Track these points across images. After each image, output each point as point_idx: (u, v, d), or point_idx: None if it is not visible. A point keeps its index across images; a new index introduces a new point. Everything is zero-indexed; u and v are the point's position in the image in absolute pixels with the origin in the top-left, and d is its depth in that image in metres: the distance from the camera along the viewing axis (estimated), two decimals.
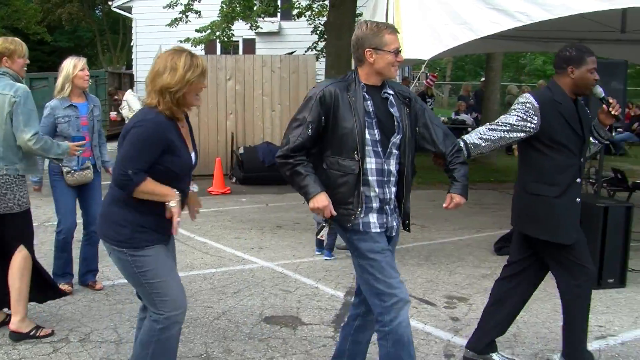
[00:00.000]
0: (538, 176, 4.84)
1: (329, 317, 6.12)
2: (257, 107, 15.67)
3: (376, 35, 4.12)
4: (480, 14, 6.45)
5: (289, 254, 8.49)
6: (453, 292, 6.95)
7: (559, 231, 4.81)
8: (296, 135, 4.10)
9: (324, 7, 19.53)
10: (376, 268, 4.13)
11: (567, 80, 4.84)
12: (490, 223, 10.60)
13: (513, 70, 35.07)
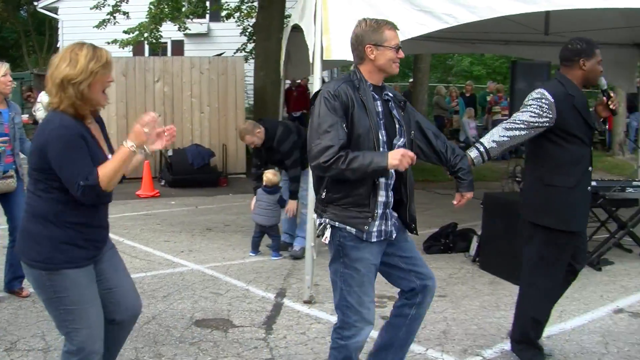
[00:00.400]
0: (554, 168, 4.89)
1: (260, 319, 6.11)
2: (185, 109, 15.56)
3: (376, 31, 4.08)
4: (408, 16, 6.50)
5: (219, 256, 8.45)
6: (383, 292, 6.96)
7: (574, 220, 4.92)
8: (335, 136, 3.86)
9: (252, 9, 19.53)
10: (356, 281, 4.05)
11: (578, 72, 4.92)
12: (419, 222, 10.54)
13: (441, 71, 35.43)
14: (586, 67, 4.88)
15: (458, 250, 8.73)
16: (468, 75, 32.92)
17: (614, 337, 5.79)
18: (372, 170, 3.84)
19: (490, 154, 5.01)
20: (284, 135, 8.05)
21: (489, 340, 5.67)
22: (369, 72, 4.11)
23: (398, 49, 4.10)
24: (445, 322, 6.09)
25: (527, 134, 4.92)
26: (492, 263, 7.82)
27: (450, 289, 7.18)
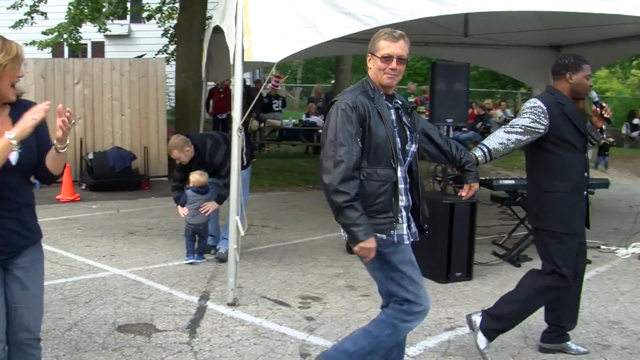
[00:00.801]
0: (550, 174, 5.15)
1: (183, 323, 6.06)
2: (106, 112, 15.30)
3: (374, 40, 4.20)
4: (329, 18, 6.54)
5: (141, 260, 8.35)
6: (307, 292, 7.03)
7: (573, 223, 5.17)
8: (350, 152, 3.96)
9: (173, 10, 19.37)
10: (407, 280, 4.19)
11: (565, 85, 5.22)
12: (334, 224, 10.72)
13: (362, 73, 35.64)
14: (572, 80, 5.18)
15: None
16: None
17: (533, 331, 5.92)
18: (346, 230, 4.03)
19: (493, 155, 5.31)
20: (214, 148, 8.01)
21: (412, 338, 5.71)
22: (372, 79, 4.24)
23: (390, 60, 4.15)
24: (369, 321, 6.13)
25: (526, 139, 5.19)
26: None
27: (373, 288, 7.17)
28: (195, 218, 8.13)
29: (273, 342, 5.60)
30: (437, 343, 5.67)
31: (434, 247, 7.52)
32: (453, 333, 5.92)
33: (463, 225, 7.54)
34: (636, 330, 6.05)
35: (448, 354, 5.45)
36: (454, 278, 7.49)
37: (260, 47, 6.35)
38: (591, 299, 7.00)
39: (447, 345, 5.61)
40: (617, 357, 5.46)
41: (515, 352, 5.43)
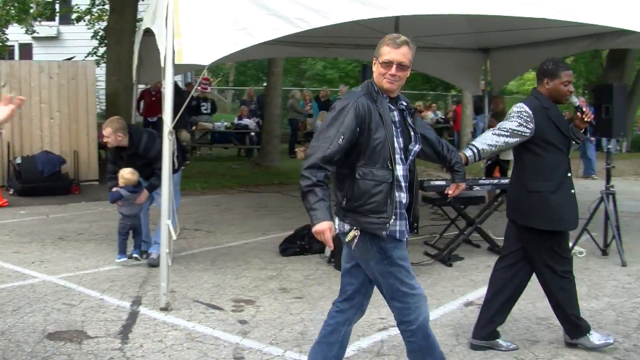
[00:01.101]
0: (535, 175, 5.36)
1: (115, 329, 5.98)
2: (34, 115, 14.99)
3: (379, 45, 4.33)
4: (260, 20, 6.53)
5: (71, 266, 8.22)
6: (240, 296, 7.01)
7: (560, 221, 5.37)
8: (327, 145, 4.09)
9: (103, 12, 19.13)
10: (404, 274, 4.33)
11: (544, 90, 5.47)
12: (275, 225, 10.78)
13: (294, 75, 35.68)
14: (549, 86, 5.42)
15: (313, 252, 8.81)
16: (321, 78, 33.29)
17: (464, 329, 6.01)
18: (309, 213, 4.12)
19: (481, 155, 5.59)
20: (149, 142, 7.95)
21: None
22: (376, 83, 4.34)
23: (390, 65, 4.25)
24: (303, 323, 6.15)
25: (513, 141, 5.41)
26: None
27: (306, 290, 7.25)
28: (130, 208, 8.04)
29: (206, 346, 5.57)
30: (371, 343, 5.70)
31: None
32: (386, 333, 5.95)
33: None
34: None
35: (382, 354, 5.49)
36: None
37: (192, 49, 6.32)
38: (521, 297, 7.12)
39: (380, 346, 5.65)
40: (545, 352, 5.57)
41: (447, 350, 5.49)
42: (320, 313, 6.43)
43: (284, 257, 8.63)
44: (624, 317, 6.36)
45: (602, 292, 7.35)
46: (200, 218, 11.25)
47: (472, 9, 7.20)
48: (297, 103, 21.21)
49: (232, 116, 23.89)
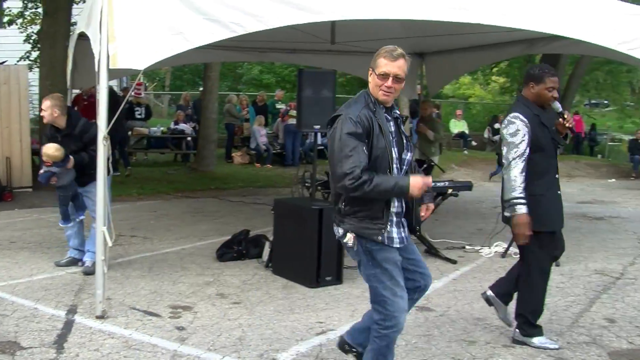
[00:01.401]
0: (529, 179, 5.48)
1: (50, 339, 5.86)
2: None
3: (376, 57, 4.45)
4: (196, 25, 6.49)
5: (4, 275, 8.02)
6: (178, 302, 6.95)
7: (550, 221, 5.63)
8: (356, 159, 4.20)
9: (36, 15, 18.79)
10: (386, 277, 4.43)
11: (529, 94, 5.69)
12: (212, 231, 10.71)
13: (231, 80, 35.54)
14: (534, 90, 5.64)
15: (251, 257, 8.78)
16: (258, 83, 33.24)
17: (402, 331, 6.04)
18: (395, 194, 4.31)
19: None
20: (87, 125, 7.85)
21: (284, 344, 5.76)
22: (371, 93, 4.47)
23: (387, 78, 4.39)
24: (241, 329, 6.13)
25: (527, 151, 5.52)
26: (284, 267, 7.95)
27: (244, 295, 7.23)
28: (66, 177, 7.91)
29: (144, 353, 5.51)
30: (309, 348, 5.71)
31: (304, 252, 7.59)
32: (325, 337, 5.97)
33: (332, 230, 7.60)
34: (499, 325, 6.27)
35: (320, 358, 5.50)
36: (324, 282, 7.56)
37: (126, 54, 6.25)
38: (457, 298, 7.23)
39: (319, 350, 5.66)
40: (482, 352, 5.65)
41: None
42: (259, 318, 6.43)
43: (222, 263, 8.59)
44: (557, 315, 6.47)
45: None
46: (136, 224, 11.12)
47: (407, 14, 7.27)
48: (234, 108, 21.11)
49: (168, 121, 23.66)
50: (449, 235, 10.62)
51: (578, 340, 6.02)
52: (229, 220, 11.67)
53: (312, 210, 7.58)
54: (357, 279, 7.88)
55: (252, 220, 11.36)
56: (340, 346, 5.10)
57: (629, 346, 5.91)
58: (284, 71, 33.09)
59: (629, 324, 6.44)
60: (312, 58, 14.29)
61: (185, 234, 10.43)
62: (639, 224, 12.43)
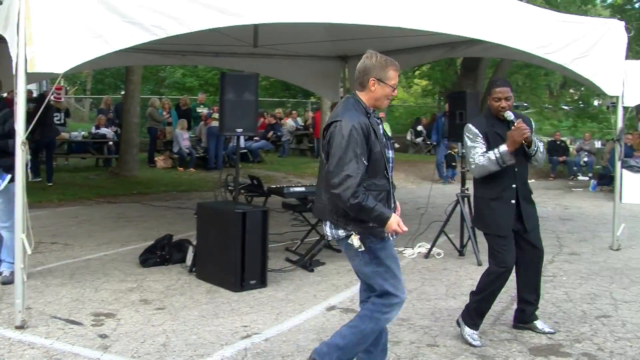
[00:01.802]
0: (482, 183, 5.93)
1: None
2: None
3: (383, 68, 4.71)
4: (116, 28, 6.42)
5: None
6: (100, 309, 6.84)
7: (496, 226, 5.94)
8: (355, 170, 4.45)
9: None
10: (390, 274, 4.74)
11: (489, 105, 6.02)
12: (135, 236, 10.58)
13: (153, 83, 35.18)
14: (488, 102, 6.01)
15: (174, 262, 8.70)
16: (181, 86, 32.98)
17: (327, 334, 6.08)
18: (373, 221, 4.56)
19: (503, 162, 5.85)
20: (6, 116, 7.54)
21: (209, 348, 5.72)
22: (367, 100, 4.73)
23: (395, 88, 4.79)
24: (165, 335, 6.06)
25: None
26: (208, 272, 7.91)
27: (168, 300, 7.15)
28: None
29: None
30: (234, 352, 5.68)
31: (228, 256, 7.56)
32: (250, 341, 5.95)
33: (255, 234, 7.62)
34: (423, 325, 6.37)
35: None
36: (249, 286, 7.54)
37: (45, 57, 6.13)
38: None
39: (244, 354, 5.63)
40: (406, 352, 5.71)
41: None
42: (183, 323, 6.37)
43: (145, 268, 8.49)
44: None
45: (460, 290, 7.61)
46: (57, 231, 10.91)
47: (330, 17, 7.32)
48: (156, 111, 20.88)
49: (89, 125, 23.32)
50: None
51: (500, 337, 6.15)
52: (152, 225, 11.55)
53: (235, 214, 7.56)
54: (281, 282, 7.90)
55: (176, 225, 11.26)
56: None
57: (549, 341, 6.05)
58: (207, 74, 32.91)
59: (548, 319, 6.58)
60: (235, 61, 14.24)
61: (107, 240, 10.27)
62: (557, 223, 12.73)
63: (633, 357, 5.70)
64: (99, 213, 12.90)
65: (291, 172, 18.98)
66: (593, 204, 16.10)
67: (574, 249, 10.22)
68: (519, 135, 5.77)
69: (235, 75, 8.84)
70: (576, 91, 36.02)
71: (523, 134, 5.78)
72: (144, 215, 12.79)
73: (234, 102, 8.28)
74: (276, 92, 32.88)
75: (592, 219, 13.57)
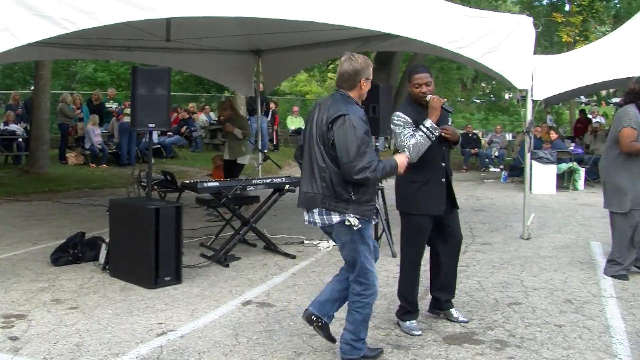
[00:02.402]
0: (410, 166, 5.68)
1: None
2: None
3: (368, 67, 5.22)
4: (23, 21, 6.28)
5: None
6: (10, 310, 6.67)
7: (428, 206, 6.03)
8: (372, 154, 5.01)
9: None
10: (369, 252, 5.26)
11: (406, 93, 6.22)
12: (46, 234, 10.36)
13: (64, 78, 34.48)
14: (409, 89, 6.10)
15: (87, 260, 8.54)
16: (93, 81, 32.40)
17: (243, 328, 6.09)
18: (391, 170, 5.27)
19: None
20: None
21: (124, 347, 5.65)
22: (356, 97, 5.24)
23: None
24: (79, 335, 5.96)
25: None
26: (122, 269, 7.79)
27: (81, 300, 7.03)
28: None
29: None
30: (150, 349, 5.62)
31: (141, 252, 7.47)
32: (165, 338, 5.89)
33: (169, 230, 7.55)
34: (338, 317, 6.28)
35: (161, 359, 5.42)
36: (163, 283, 7.47)
37: None
38: (297, 292, 7.32)
39: (159, 351, 5.58)
40: (323, 344, 5.68)
41: (227, 351, 5.52)
42: (97, 322, 6.28)
43: (57, 267, 8.32)
44: (394, 304, 6.63)
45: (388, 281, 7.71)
46: None
47: (242, 11, 7.31)
48: (67, 107, 20.46)
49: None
50: (287, 230, 10.74)
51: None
52: (64, 223, 11.34)
53: (148, 210, 7.47)
54: (196, 278, 7.86)
55: (88, 223, 11.09)
56: (307, 318, 5.49)
57: (462, 330, 6.17)
58: (120, 69, 32.40)
59: (461, 308, 6.71)
60: (148, 55, 14.08)
61: (17, 239, 10.04)
62: (470, 214, 12.97)
63: (542, 341, 5.86)
64: (8, 212, 12.60)
65: (205, 168, 18.84)
66: (504, 194, 16.45)
67: (486, 239, 10.44)
68: (436, 102, 5.88)
69: (147, 70, 8.72)
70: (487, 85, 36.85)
71: (439, 100, 5.91)
72: (56, 213, 12.55)
73: (146, 97, 8.16)
74: (189, 86, 32.57)
75: (504, 209, 13.86)
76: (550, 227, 11.61)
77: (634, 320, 6.48)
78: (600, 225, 11.24)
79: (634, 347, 5.79)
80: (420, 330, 6.09)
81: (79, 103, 21.55)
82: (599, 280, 7.94)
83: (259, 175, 12.95)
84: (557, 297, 7.23)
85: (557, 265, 8.67)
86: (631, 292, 7.45)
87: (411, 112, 5.99)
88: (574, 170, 17.70)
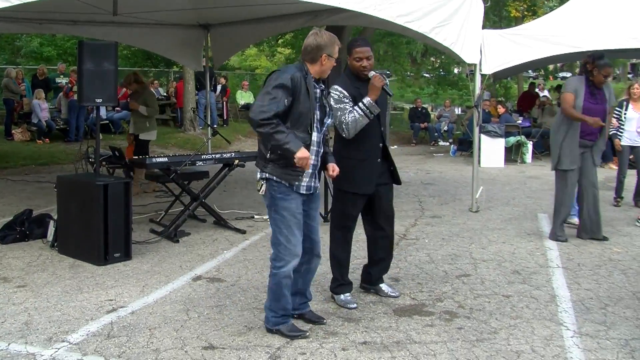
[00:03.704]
0: (348, 144, 5.95)
1: None
2: None
3: (332, 45, 5.30)
4: None
5: None
6: None
7: (363, 185, 6.04)
8: (276, 104, 4.97)
9: None
10: (284, 225, 5.25)
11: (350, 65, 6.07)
12: None
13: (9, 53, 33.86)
14: (349, 62, 6.04)
15: (35, 237, 8.45)
16: (38, 56, 31.86)
17: (194, 304, 6.08)
18: (284, 149, 5.02)
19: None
20: None
21: (73, 324, 5.61)
22: (315, 71, 5.30)
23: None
24: (27, 313, 5.89)
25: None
26: (71, 247, 7.73)
27: (30, 277, 6.95)
28: None
29: None
30: (100, 326, 5.58)
31: (90, 229, 7.41)
32: (115, 315, 5.86)
33: (118, 206, 7.49)
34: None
35: (112, 336, 5.39)
36: (113, 259, 7.42)
37: None
38: (248, 267, 7.33)
39: (110, 328, 5.55)
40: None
41: (178, 326, 5.51)
42: (46, 300, 6.22)
43: (4, 245, 8.21)
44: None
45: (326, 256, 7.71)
46: None
47: None
48: (12, 82, 20.09)
49: None
50: (237, 205, 10.76)
51: (365, 300, 6.29)
52: (11, 200, 11.17)
53: (96, 186, 7.39)
54: (146, 254, 7.83)
55: (35, 200, 10.95)
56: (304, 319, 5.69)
57: (412, 302, 6.24)
58: (66, 43, 31.87)
59: (411, 281, 6.80)
60: (94, 30, 13.86)
61: None
62: (419, 188, 13.10)
63: (491, 312, 5.96)
64: None
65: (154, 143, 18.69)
66: (453, 168, 16.62)
67: (436, 212, 10.54)
68: (378, 81, 5.85)
69: (94, 44, 8.60)
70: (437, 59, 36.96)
71: (381, 80, 5.87)
72: (2, 190, 12.35)
73: (92, 72, 8.06)
74: (138, 61, 32.14)
75: (453, 182, 14.00)
76: (499, 199, 11.78)
77: (579, 289, 6.63)
78: (547, 197, 11.38)
79: (579, 314, 5.93)
80: (355, 303, 6.13)
81: (21, 77, 21.15)
82: (546, 251, 8.09)
83: (208, 151, 12.88)
84: (505, 269, 7.35)
85: (505, 237, 8.80)
86: (577, 262, 7.61)
87: (349, 86, 5.95)
88: (522, 143, 17.92)
